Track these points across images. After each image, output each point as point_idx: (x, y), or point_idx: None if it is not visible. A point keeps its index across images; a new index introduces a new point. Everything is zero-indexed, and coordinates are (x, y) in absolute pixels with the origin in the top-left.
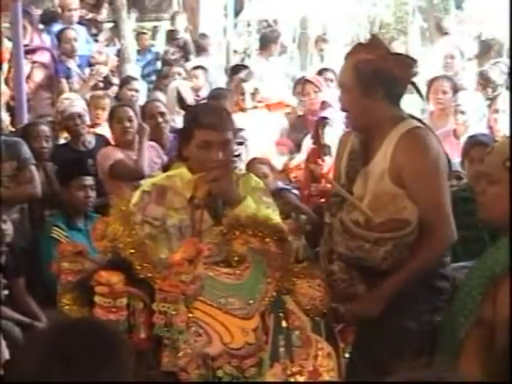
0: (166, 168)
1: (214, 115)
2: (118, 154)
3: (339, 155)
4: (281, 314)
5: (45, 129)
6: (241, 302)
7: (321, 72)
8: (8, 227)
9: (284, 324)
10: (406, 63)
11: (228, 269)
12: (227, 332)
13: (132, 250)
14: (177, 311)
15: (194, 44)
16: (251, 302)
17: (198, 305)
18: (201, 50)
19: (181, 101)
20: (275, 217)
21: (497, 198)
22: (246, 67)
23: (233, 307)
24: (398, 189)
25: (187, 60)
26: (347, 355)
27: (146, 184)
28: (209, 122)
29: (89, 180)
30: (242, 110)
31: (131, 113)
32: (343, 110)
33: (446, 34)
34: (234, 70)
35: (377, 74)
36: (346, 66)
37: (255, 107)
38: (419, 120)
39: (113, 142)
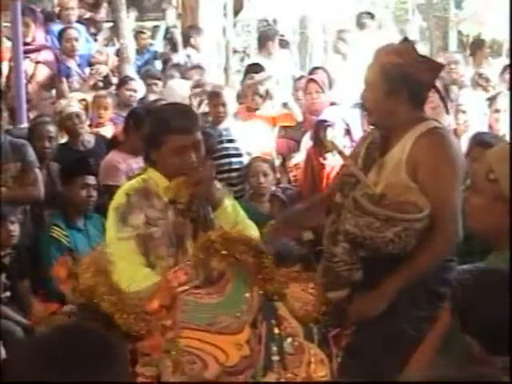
0: None
1: (183, 118)
2: (122, 177)
3: (358, 147)
4: (273, 321)
5: (49, 129)
6: (228, 318)
7: (312, 71)
8: (15, 228)
9: (276, 331)
10: (434, 68)
11: (209, 288)
12: (221, 351)
13: (109, 305)
14: (162, 369)
15: (184, 37)
16: (238, 314)
17: (186, 333)
18: (187, 42)
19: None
20: (248, 223)
21: (478, 208)
22: (262, 67)
23: (222, 325)
24: (412, 182)
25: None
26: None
27: (127, 188)
28: (180, 126)
29: (92, 179)
30: (251, 110)
31: None
32: (365, 107)
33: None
34: (251, 69)
35: (403, 78)
36: (373, 65)
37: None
38: (439, 123)
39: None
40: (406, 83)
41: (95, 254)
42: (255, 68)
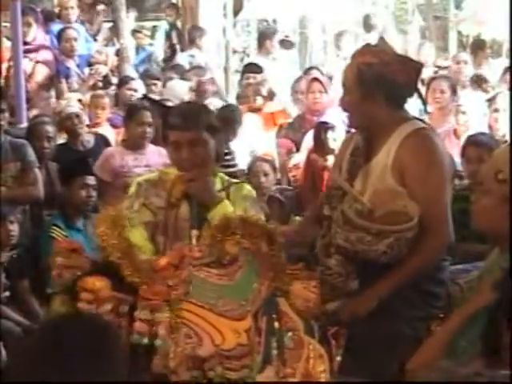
0: None
1: (180, 115)
2: (110, 174)
3: (342, 152)
4: (274, 316)
5: (48, 129)
6: (233, 303)
7: (306, 71)
8: (15, 228)
9: (276, 325)
10: (412, 68)
11: (220, 270)
12: (218, 333)
13: (119, 254)
14: (159, 319)
15: (188, 37)
16: (243, 302)
17: (188, 307)
18: (192, 43)
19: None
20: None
21: (485, 208)
22: (258, 67)
23: (225, 308)
24: (399, 187)
25: (174, 53)
26: (339, 358)
27: (141, 178)
28: (175, 122)
29: (91, 179)
30: (252, 110)
31: (150, 118)
32: (344, 109)
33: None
34: (247, 69)
35: (378, 79)
36: (349, 67)
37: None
38: (424, 122)
39: (120, 138)
40: (380, 84)
41: (114, 209)
42: (252, 68)
